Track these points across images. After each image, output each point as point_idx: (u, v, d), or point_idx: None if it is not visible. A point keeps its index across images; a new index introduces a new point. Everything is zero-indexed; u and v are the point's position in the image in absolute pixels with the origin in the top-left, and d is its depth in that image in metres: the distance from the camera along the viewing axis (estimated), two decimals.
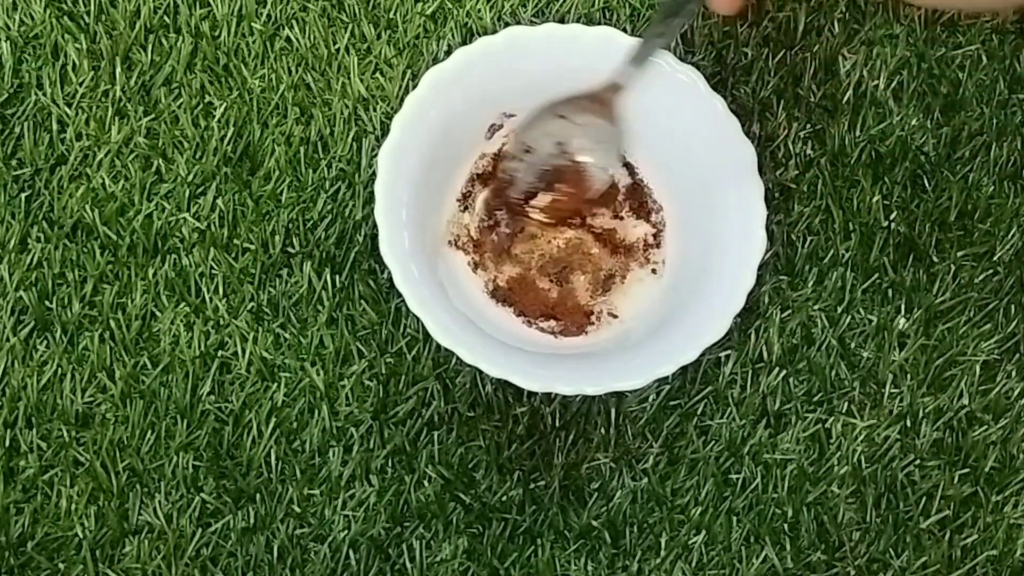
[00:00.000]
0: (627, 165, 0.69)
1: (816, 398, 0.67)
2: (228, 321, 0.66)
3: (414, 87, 0.65)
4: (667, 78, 0.66)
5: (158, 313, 0.66)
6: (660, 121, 0.66)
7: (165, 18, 0.69)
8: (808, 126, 0.70)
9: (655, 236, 0.68)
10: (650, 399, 0.66)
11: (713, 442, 0.66)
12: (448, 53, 0.67)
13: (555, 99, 0.65)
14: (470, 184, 0.68)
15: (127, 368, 0.65)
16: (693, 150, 0.66)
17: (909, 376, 0.67)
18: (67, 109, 0.68)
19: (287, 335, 0.66)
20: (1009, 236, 0.69)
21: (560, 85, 0.67)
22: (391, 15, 0.70)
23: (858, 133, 0.70)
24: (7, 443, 0.64)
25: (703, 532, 0.65)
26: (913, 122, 0.71)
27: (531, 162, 0.66)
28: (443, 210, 0.68)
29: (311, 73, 0.69)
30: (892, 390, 0.67)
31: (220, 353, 0.66)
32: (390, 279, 0.62)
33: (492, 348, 0.63)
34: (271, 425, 0.65)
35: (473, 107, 0.67)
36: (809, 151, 0.70)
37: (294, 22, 0.70)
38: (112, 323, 0.66)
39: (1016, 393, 0.68)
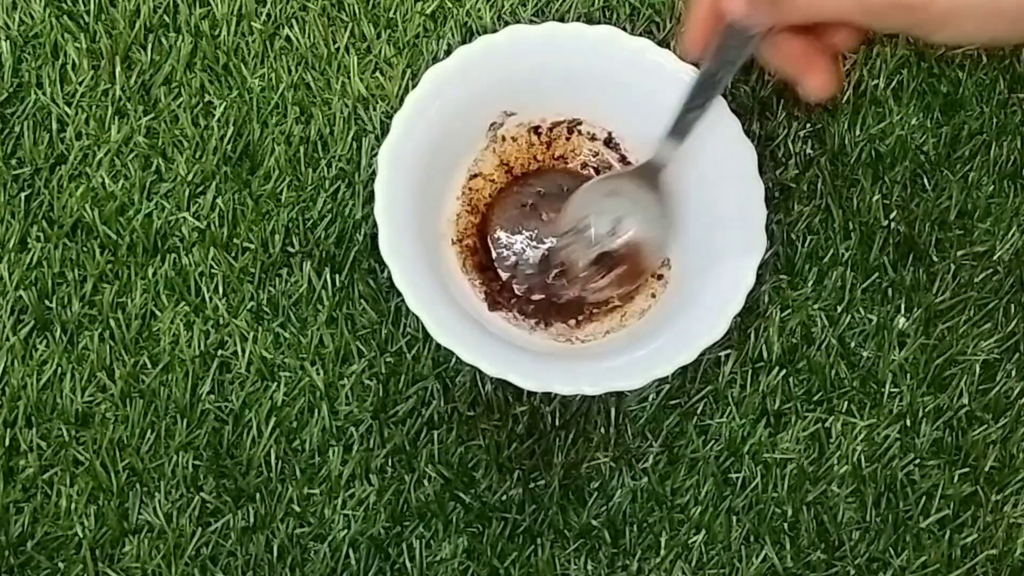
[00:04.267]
0: (627, 165, 0.69)
1: (816, 397, 0.67)
2: (228, 320, 0.66)
3: (414, 86, 0.65)
4: (667, 78, 0.66)
5: (158, 312, 0.66)
6: (660, 121, 0.66)
7: (165, 17, 0.69)
8: (808, 125, 0.70)
9: None
10: (650, 398, 0.66)
11: (713, 441, 0.66)
12: (448, 52, 0.67)
13: (604, 176, 0.65)
14: (469, 182, 0.68)
15: (127, 367, 0.65)
16: (693, 150, 0.66)
17: (909, 375, 0.67)
18: (67, 108, 0.68)
19: (287, 334, 0.66)
20: (1009, 235, 0.69)
21: (561, 84, 0.67)
22: (391, 14, 0.70)
23: (858, 132, 0.70)
24: (7, 442, 0.64)
25: (703, 531, 0.65)
26: (913, 121, 0.71)
27: (588, 239, 0.66)
28: (443, 208, 0.68)
29: (311, 72, 0.69)
30: (892, 389, 0.67)
31: (220, 352, 0.66)
32: (390, 278, 0.62)
33: (491, 347, 0.63)
34: (271, 424, 0.65)
35: (474, 106, 0.67)
36: (809, 150, 0.70)
37: (294, 21, 0.70)
38: (112, 322, 0.66)
39: (1016, 392, 0.68)
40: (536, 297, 0.67)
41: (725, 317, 0.63)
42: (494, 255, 0.68)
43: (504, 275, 0.68)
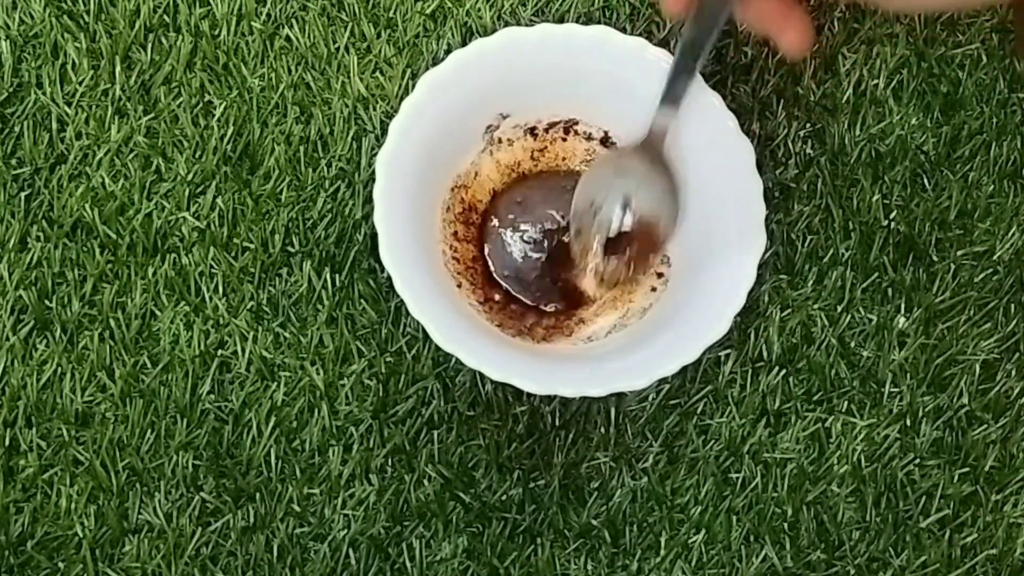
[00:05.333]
0: None
1: (816, 397, 0.67)
2: (228, 320, 0.66)
3: (413, 87, 0.65)
4: (663, 76, 0.66)
5: (158, 312, 0.66)
6: None
7: (165, 17, 0.69)
8: (808, 125, 0.70)
9: None
10: (650, 398, 0.66)
11: (713, 441, 0.66)
12: (448, 52, 0.67)
13: (608, 154, 0.65)
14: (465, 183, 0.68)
15: (127, 367, 0.65)
16: (691, 149, 0.66)
17: (909, 375, 0.67)
18: (67, 108, 0.68)
19: (287, 334, 0.66)
20: (1009, 235, 0.69)
21: (556, 85, 0.67)
22: (391, 14, 0.70)
23: (858, 132, 0.70)
24: (7, 442, 0.64)
25: (703, 531, 0.65)
26: (913, 121, 0.71)
27: (600, 221, 0.66)
28: (442, 212, 0.68)
29: (311, 72, 0.69)
30: (892, 389, 0.67)
31: (220, 352, 0.66)
32: (390, 279, 0.62)
33: (494, 351, 0.63)
34: (271, 424, 0.65)
35: (470, 109, 0.67)
36: (809, 150, 0.70)
37: (294, 21, 0.70)
38: (112, 322, 0.66)
39: (1016, 392, 0.68)
40: (537, 299, 0.67)
41: (726, 315, 0.63)
42: (494, 255, 0.68)
43: (503, 278, 0.68)
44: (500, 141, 0.69)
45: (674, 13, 0.60)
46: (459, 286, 0.67)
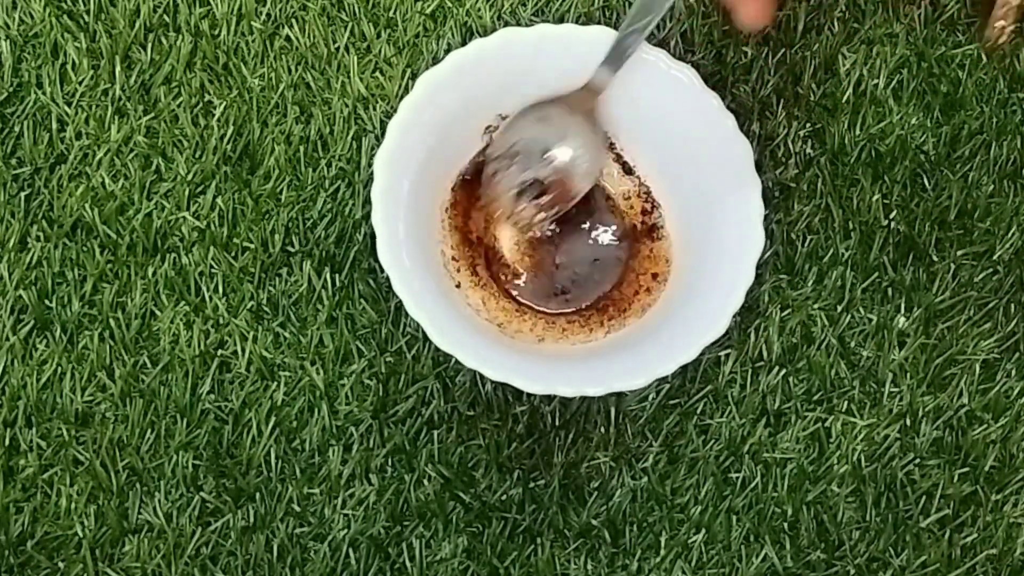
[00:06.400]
0: (624, 164, 0.69)
1: (816, 397, 0.67)
2: (228, 320, 0.66)
3: (412, 87, 0.65)
4: (663, 77, 0.66)
5: (158, 312, 0.66)
6: (656, 120, 0.67)
7: (165, 17, 0.69)
8: (808, 125, 0.70)
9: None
10: (650, 398, 0.66)
11: (713, 441, 0.66)
12: (448, 52, 0.67)
13: (537, 102, 0.65)
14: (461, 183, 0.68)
15: (127, 367, 0.65)
16: (690, 148, 0.66)
17: (909, 375, 0.67)
18: (67, 108, 0.68)
19: (287, 334, 0.66)
20: (1009, 235, 0.69)
21: (554, 86, 0.67)
22: (391, 14, 0.70)
23: (858, 132, 0.70)
24: (7, 442, 0.64)
25: (703, 531, 0.65)
26: (913, 121, 0.71)
27: (516, 168, 0.66)
28: (441, 213, 0.68)
29: (311, 72, 0.69)
30: (892, 389, 0.67)
31: (220, 352, 0.66)
32: (389, 279, 0.62)
33: (492, 351, 0.63)
34: (271, 424, 0.65)
35: (468, 109, 0.67)
36: (809, 150, 0.70)
37: (293, 21, 0.70)
38: (112, 322, 0.66)
39: (1016, 392, 0.68)
40: (536, 299, 0.67)
41: (725, 314, 0.63)
42: (494, 256, 0.68)
43: (503, 278, 0.68)
44: None
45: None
46: (458, 286, 0.67)
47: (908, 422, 0.67)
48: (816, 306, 0.68)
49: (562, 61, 0.66)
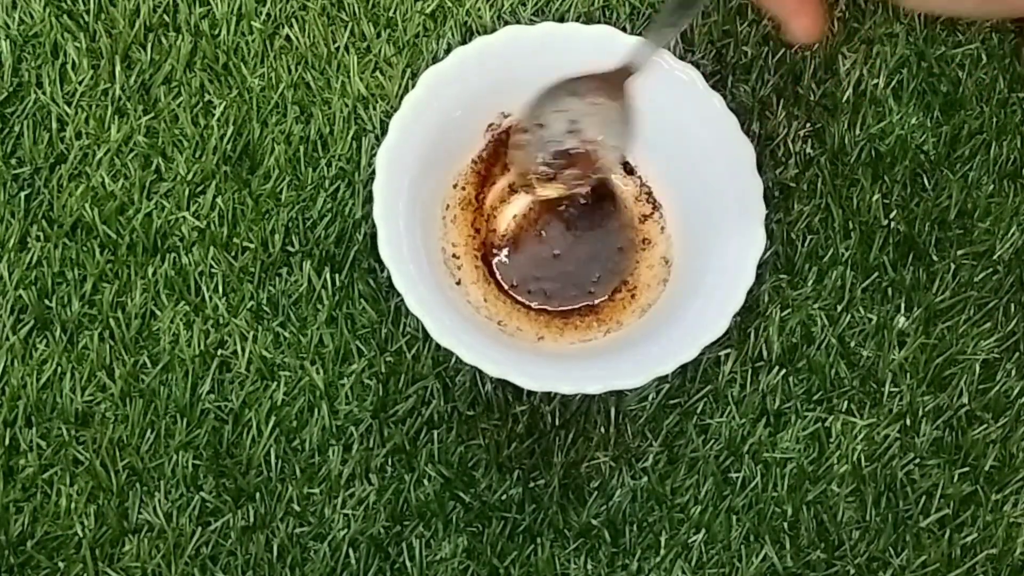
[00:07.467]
0: (625, 165, 0.69)
1: (816, 397, 0.67)
2: (228, 320, 0.66)
3: (413, 86, 0.65)
4: (665, 76, 0.66)
5: (158, 312, 0.66)
6: (658, 119, 0.66)
7: (165, 17, 0.69)
8: (808, 125, 0.70)
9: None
10: (650, 398, 0.66)
11: (713, 441, 0.66)
12: (448, 52, 0.67)
13: (568, 76, 0.65)
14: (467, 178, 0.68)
15: (127, 367, 0.65)
16: (692, 148, 0.66)
17: (909, 375, 0.67)
18: (67, 108, 0.68)
19: (287, 334, 0.66)
20: (1009, 235, 0.69)
21: None
22: (391, 14, 0.70)
23: (858, 132, 0.70)
24: (7, 442, 0.64)
25: (703, 531, 0.65)
26: (913, 121, 0.71)
27: (543, 137, 0.65)
28: (442, 209, 0.68)
29: (311, 72, 0.69)
30: (892, 389, 0.67)
31: (220, 352, 0.66)
32: (390, 278, 0.62)
33: (492, 348, 0.63)
34: (271, 424, 0.65)
35: (471, 107, 0.67)
36: (809, 150, 0.70)
37: (293, 21, 0.70)
38: (112, 322, 0.66)
39: (1016, 392, 0.68)
40: (536, 298, 0.68)
41: (725, 314, 0.63)
42: (494, 257, 0.68)
43: (503, 277, 0.68)
44: (502, 140, 0.69)
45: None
46: (458, 283, 0.67)
47: (908, 422, 0.67)
48: (816, 306, 0.68)
49: (566, 59, 0.66)
